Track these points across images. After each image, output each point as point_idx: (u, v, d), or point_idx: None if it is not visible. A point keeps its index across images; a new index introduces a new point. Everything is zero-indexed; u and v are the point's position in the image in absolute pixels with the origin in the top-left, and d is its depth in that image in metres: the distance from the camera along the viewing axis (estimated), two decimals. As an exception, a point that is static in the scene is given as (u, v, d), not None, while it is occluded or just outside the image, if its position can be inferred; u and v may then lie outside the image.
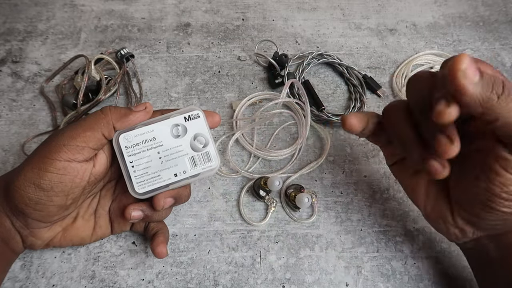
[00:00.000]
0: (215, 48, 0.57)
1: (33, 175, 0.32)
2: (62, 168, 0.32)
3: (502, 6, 0.63)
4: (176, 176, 0.36)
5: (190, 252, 0.42)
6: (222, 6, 0.62)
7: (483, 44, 0.59)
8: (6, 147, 0.48)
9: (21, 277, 0.40)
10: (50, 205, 0.33)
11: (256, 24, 0.60)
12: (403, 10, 0.63)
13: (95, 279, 0.40)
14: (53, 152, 0.32)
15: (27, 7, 0.60)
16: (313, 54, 0.55)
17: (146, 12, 0.61)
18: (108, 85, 0.51)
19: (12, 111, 0.51)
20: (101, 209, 0.39)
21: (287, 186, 0.46)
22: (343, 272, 0.42)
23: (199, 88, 0.53)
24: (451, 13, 0.63)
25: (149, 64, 0.55)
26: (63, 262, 0.41)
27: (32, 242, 0.36)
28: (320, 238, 0.44)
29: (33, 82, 0.53)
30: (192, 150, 0.36)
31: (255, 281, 0.41)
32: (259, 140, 0.50)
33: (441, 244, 0.43)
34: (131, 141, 0.35)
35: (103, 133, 0.34)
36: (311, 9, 0.62)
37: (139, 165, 0.35)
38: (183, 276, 0.41)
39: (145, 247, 0.42)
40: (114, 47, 0.56)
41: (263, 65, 0.56)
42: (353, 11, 0.62)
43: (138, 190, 0.35)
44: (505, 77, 0.27)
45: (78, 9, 0.60)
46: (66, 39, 0.57)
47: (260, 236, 0.44)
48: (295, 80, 0.49)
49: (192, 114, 0.37)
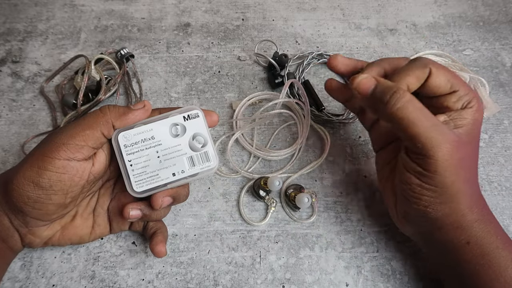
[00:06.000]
0: (215, 48, 0.57)
1: (32, 174, 0.32)
2: (61, 166, 0.32)
3: (502, 6, 0.63)
4: (175, 175, 0.36)
5: (190, 252, 0.42)
6: (222, 6, 0.62)
7: (483, 44, 0.59)
8: (6, 147, 0.48)
9: (21, 277, 0.40)
10: (49, 203, 0.33)
11: (256, 24, 0.60)
12: (403, 10, 0.63)
13: (95, 279, 0.40)
14: (53, 150, 0.32)
15: (27, 7, 0.60)
16: (313, 54, 0.55)
17: (146, 12, 0.61)
18: (108, 85, 0.51)
19: (12, 111, 0.51)
20: (99, 208, 0.39)
21: (287, 186, 0.46)
22: (343, 272, 0.42)
23: (199, 88, 0.53)
24: (451, 13, 0.63)
25: (149, 64, 0.55)
26: (63, 262, 0.41)
27: (31, 241, 0.36)
28: (320, 238, 0.44)
29: (33, 82, 0.53)
30: (191, 150, 0.36)
31: (255, 281, 0.41)
32: (259, 140, 0.50)
33: (441, 244, 0.43)
34: (130, 139, 0.35)
35: (102, 132, 0.34)
36: (311, 9, 0.62)
37: (137, 164, 0.35)
38: (183, 276, 0.41)
39: (145, 247, 0.42)
40: (114, 47, 0.56)
41: (263, 65, 0.56)
42: (353, 11, 0.62)
43: (136, 188, 0.35)
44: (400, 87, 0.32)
45: (78, 9, 0.60)
46: (66, 39, 0.57)
47: (260, 236, 0.43)
48: (295, 80, 0.49)
49: (191, 114, 0.37)
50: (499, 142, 0.50)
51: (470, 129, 0.33)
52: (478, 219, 0.34)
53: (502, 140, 0.50)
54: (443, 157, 0.31)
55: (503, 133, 0.51)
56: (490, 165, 0.48)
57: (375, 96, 0.33)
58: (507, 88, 0.55)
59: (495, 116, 0.52)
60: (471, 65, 0.57)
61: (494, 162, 0.49)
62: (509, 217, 0.45)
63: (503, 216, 0.45)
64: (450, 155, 0.31)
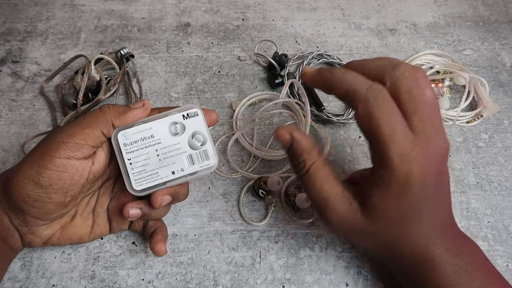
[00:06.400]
0: (215, 48, 0.57)
1: (32, 172, 0.32)
2: (61, 165, 0.32)
3: (502, 6, 0.63)
4: (174, 174, 0.36)
5: (190, 252, 0.42)
6: (222, 6, 0.62)
7: (483, 44, 0.59)
8: (6, 147, 0.48)
9: (21, 277, 0.40)
10: (48, 202, 0.33)
11: (256, 24, 0.60)
12: (403, 10, 0.63)
13: (95, 279, 0.40)
14: (53, 149, 0.32)
15: (27, 7, 0.60)
16: (313, 54, 0.55)
17: (146, 12, 0.61)
18: (108, 85, 0.51)
19: (12, 111, 0.51)
20: (99, 207, 0.39)
21: (287, 186, 0.46)
22: (343, 272, 0.42)
23: (199, 88, 0.53)
24: (451, 13, 0.63)
25: (149, 64, 0.55)
26: (63, 262, 0.41)
27: (31, 240, 0.36)
28: (320, 238, 0.44)
29: (33, 82, 0.53)
30: (190, 148, 0.36)
31: (255, 281, 0.41)
32: (259, 140, 0.50)
33: (441, 244, 0.43)
34: (129, 138, 0.35)
35: (102, 131, 0.34)
36: (311, 9, 0.62)
37: (137, 163, 0.35)
38: (183, 276, 0.41)
39: (145, 247, 0.42)
40: (114, 47, 0.56)
41: (263, 65, 0.56)
42: (353, 11, 0.62)
43: (136, 187, 0.35)
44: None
45: (78, 9, 0.61)
46: (66, 39, 0.57)
47: (260, 236, 0.43)
48: (295, 80, 0.49)
49: (190, 112, 0.37)
50: (499, 142, 0.50)
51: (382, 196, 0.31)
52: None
53: (502, 140, 0.50)
54: (335, 225, 0.33)
55: (503, 133, 0.51)
56: (490, 165, 0.48)
57: (292, 152, 0.34)
58: (507, 88, 0.55)
59: (495, 116, 0.52)
60: (471, 65, 0.57)
61: (494, 162, 0.49)
62: (509, 217, 0.45)
63: (503, 216, 0.45)
64: (339, 226, 0.33)
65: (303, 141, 0.33)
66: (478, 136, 0.51)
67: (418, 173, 0.29)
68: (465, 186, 0.47)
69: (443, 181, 0.33)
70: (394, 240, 0.33)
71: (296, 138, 0.33)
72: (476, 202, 0.46)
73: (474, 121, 0.51)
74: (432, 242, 0.33)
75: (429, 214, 0.32)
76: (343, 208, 0.32)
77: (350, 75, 0.32)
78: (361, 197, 0.32)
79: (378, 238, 0.33)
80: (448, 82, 0.53)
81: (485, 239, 0.43)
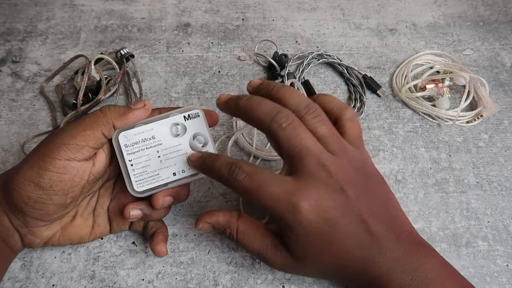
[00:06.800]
0: (215, 48, 0.57)
1: (33, 174, 0.32)
2: (62, 167, 0.32)
3: (502, 6, 0.63)
4: (175, 175, 0.36)
5: (190, 252, 0.42)
6: (222, 6, 0.62)
7: (483, 44, 0.59)
8: (6, 147, 0.48)
9: (21, 277, 0.40)
10: (49, 203, 0.33)
11: (256, 24, 0.60)
12: (403, 10, 0.63)
13: (95, 279, 0.40)
14: (53, 151, 0.32)
15: (27, 7, 0.60)
16: (313, 54, 0.55)
17: (146, 12, 0.61)
18: (108, 85, 0.51)
19: (12, 111, 0.51)
20: (99, 207, 0.39)
21: (287, 186, 0.46)
22: (343, 272, 0.42)
23: (199, 88, 0.53)
24: (451, 13, 0.63)
25: (149, 64, 0.55)
26: (63, 262, 0.41)
27: (31, 241, 0.36)
28: (320, 238, 0.44)
29: (33, 82, 0.53)
30: (192, 149, 0.36)
31: (255, 281, 0.41)
32: (259, 140, 0.50)
33: (440, 243, 0.43)
34: (130, 139, 0.35)
35: (103, 132, 0.34)
36: (311, 9, 0.62)
37: (138, 164, 0.35)
38: (183, 276, 0.41)
39: (145, 247, 0.42)
40: (114, 47, 0.56)
41: (263, 65, 0.56)
42: (353, 11, 0.62)
43: (137, 188, 0.35)
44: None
45: (78, 9, 0.60)
46: (66, 39, 0.57)
47: (260, 236, 0.43)
48: (295, 80, 0.49)
49: (191, 113, 0.37)
50: (499, 142, 0.50)
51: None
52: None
53: (502, 140, 0.50)
54: (280, 269, 0.37)
55: (503, 133, 0.51)
56: (490, 165, 0.48)
57: (218, 231, 0.37)
58: (507, 88, 0.55)
59: (495, 116, 0.52)
60: (471, 65, 0.57)
61: (494, 162, 0.49)
62: (509, 217, 0.45)
63: (503, 216, 0.45)
64: (283, 269, 0.36)
65: (220, 219, 0.35)
66: (478, 136, 0.51)
67: (306, 214, 0.30)
68: (465, 186, 0.47)
69: (352, 203, 0.32)
70: (334, 269, 0.33)
71: (212, 222, 0.36)
72: (476, 202, 0.46)
73: (474, 121, 0.51)
74: (371, 261, 0.32)
75: (349, 240, 0.32)
76: (276, 257, 0.34)
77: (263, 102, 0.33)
78: (285, 238, 0.33)
79: (321, 271, 0.34)
80: (448, 82, 0.53)
81: (485, 239, 0.43)
